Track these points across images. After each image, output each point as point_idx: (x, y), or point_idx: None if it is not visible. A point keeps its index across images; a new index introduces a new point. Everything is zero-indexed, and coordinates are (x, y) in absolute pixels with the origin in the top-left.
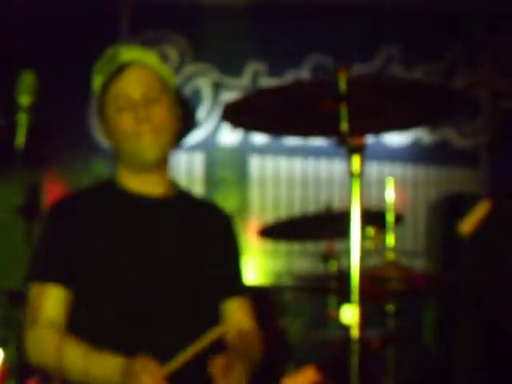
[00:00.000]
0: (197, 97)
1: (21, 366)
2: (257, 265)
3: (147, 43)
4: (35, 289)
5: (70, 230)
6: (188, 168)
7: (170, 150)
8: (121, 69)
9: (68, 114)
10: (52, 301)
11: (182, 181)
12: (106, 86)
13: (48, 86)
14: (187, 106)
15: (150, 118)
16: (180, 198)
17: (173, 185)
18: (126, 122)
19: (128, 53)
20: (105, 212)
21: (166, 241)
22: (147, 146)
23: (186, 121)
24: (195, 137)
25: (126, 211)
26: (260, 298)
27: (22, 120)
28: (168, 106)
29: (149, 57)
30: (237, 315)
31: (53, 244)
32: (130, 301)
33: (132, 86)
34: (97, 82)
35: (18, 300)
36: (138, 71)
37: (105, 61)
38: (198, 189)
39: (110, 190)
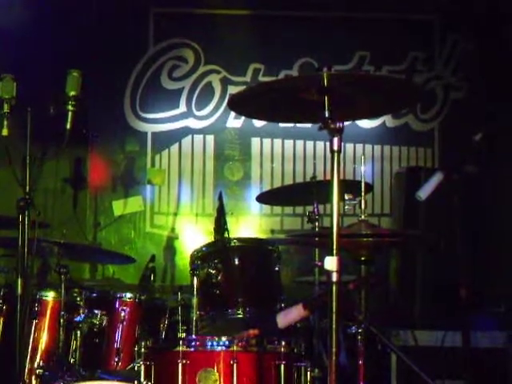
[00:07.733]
0: (209, 90)
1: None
2: (256, 223)
3: (171, 48)
4: None
5: None
6: (202, 147)
7: None
8: None
9: (106, 103)
10: None
11: (198, 157)
12: None
13: (91, 81)
14: None
15: None
16: None
17: None
18: None
19: None
20: None
21: None
22: None
23: None
24: (208, 122)
25: None
26: (260, 248)
27: (70, 109)
28: None
29: None
30: None
31: None
32: None
33: None
34: None
35: (66, 250)
36: None
37: None
38: (210, 164)
39: None
